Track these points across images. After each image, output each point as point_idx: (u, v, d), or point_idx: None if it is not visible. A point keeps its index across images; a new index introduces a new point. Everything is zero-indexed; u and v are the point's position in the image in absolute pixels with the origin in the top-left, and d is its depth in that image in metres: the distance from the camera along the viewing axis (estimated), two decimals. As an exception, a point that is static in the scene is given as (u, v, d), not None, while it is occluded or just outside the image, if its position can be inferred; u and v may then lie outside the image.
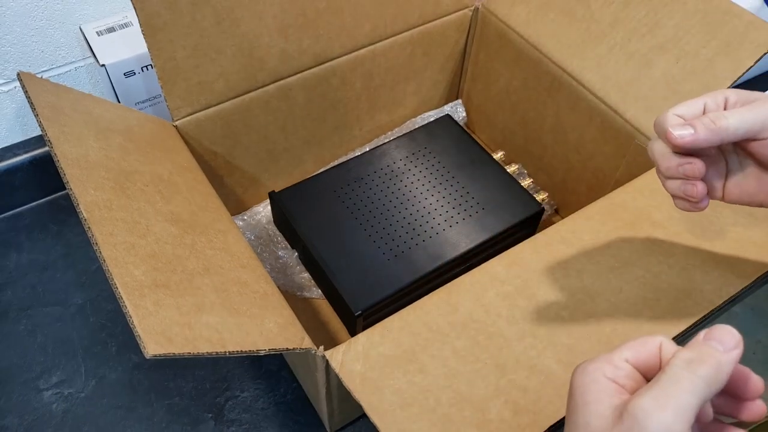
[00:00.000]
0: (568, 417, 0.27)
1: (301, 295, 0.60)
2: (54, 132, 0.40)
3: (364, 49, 0.62)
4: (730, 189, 0.36)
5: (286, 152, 0.65)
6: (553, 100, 0.61)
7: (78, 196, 0.37)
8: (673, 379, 0.25)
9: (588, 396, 0.26)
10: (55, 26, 0.62)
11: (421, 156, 0.63)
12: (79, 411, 0.54)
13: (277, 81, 0.58)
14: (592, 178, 0.61)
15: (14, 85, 0.64)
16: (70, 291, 0.62)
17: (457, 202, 0.60)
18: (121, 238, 0.37)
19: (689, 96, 0.50)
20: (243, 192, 0.65)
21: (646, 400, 0.24)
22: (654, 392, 0.24)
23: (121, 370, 0.57)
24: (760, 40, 0.48)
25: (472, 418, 0.36)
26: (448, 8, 0.65)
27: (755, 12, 0.63)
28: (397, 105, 0.71)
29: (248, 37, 0.53)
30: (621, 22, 0.55)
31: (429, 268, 0.55)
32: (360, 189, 0.60)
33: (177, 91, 0.52)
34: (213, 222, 0.45)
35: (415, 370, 0.38)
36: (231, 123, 0.57)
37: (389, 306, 0.54)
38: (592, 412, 0.26)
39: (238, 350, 0.35)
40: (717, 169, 0.36)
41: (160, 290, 0.35)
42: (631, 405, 0.24)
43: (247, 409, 0.54)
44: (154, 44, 0.48)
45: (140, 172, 0.44)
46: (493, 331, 0.40)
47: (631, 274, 0.43)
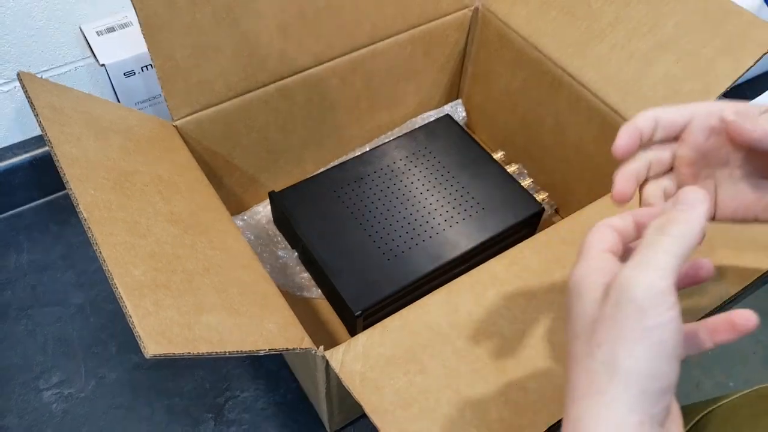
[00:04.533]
0: (568, 320, 0.28)
1: (301, 295, 0.60)
2: (54, 132, 0.40)
3: (364, 49, 0.62)
4: (724, 205, 0.35)
5: (286, 152, 0.65)
6: (553, 100, 0.61)
7: (78, 196, 0.37)
8: (648, 244, 0.25)
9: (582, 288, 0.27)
10: (55, 26, 0.62)
11: (421, 156, 0.63)
12: (79, 411, 0.54)
13: (277, 81, 0.58)
14: (592, 178, 0.61)
15: (14, 85, 0.64)
16: (70, 291, 0.62)
17: (457, 202, 0.60)
18: (121, 238, 0.37)
19: (689, 96, 0.50)
20: (243, 192, 0.65)
21: (627, 270, 0.25)
22: (633, 261, 0.25)
23: (121, 370, 0.57)
24: (760, 40, 0.48)
25: (472, 418, 0.36)
26: (448, 8, 0.65)
27: (755, 12, 0.63)
28: (397, 105, 0.71)
29: (248, 37, 0.53)
30: (621, 21, 0.55)
31: (429, 268, 0.55)
32: (360, 189, 0.60)
33: (177, 91, 0.52)
34: (213, 222, 0.45)
35: (415, 370, 0.38)
36: (231, 123, 0.57)
37: (389, 306, 0.54)
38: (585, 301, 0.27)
39: (238, 350, 0.35)
40: (704, 188, 0.34)
41: (160, 290, 0.35)
42: (616, 279, 0.25)
43: (247, 409, 0.54)
44: (153, 44, 0.48)
45: (140, 172, 0.44)
46: (493, 331, 0.40)
47: (631, 274, 0.43)
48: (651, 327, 0.24)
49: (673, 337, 0.24)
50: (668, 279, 0.24)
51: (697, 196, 0.26)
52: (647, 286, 0.24)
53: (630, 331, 0.24)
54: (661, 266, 0.24)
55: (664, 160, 0.34)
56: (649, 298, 0.24)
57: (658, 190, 0.34)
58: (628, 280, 0.24)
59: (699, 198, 0.26)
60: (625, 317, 0.24)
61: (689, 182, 0.35)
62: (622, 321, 0.24)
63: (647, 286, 0.24)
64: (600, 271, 0.27)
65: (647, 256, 0.25)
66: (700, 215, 0.26)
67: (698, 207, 0.26)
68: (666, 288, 0.24)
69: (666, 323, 0.24)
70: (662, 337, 0.24)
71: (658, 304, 0.24)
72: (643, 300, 0.24)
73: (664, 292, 0.24)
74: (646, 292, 0.24)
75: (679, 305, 0.24)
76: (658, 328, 0.24)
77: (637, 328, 0.24)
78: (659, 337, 0.24)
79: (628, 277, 0.24)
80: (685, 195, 0.27)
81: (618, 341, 0.24)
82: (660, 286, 0.24)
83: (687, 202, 0.26)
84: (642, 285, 0.24)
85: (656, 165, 0.34)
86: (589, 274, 0.27)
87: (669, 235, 0.25)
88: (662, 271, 0.24)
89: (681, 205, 0.26)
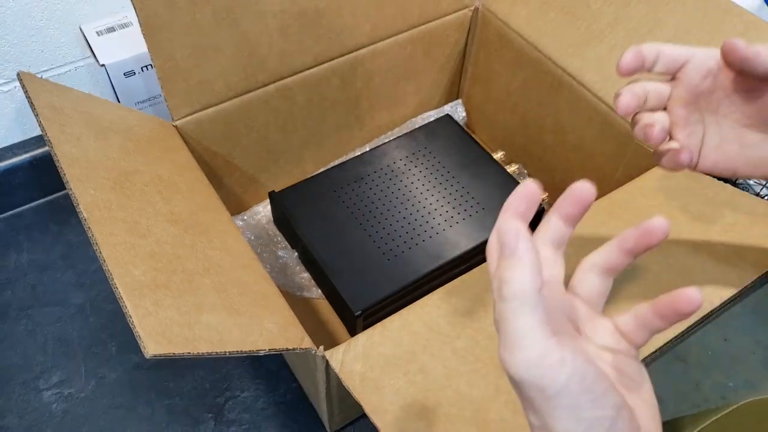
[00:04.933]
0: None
1: (301, 295, 0.60)
2: (54, 132, 0.40)
3: (364, 49, 0.62)
4: (707, 154, 0.35)
5: (286, 152, 0.65)
6: (553, 100, 0.61)
7: (78, 196, 0.37)
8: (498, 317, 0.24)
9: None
10: (55, 26, 0.62)
11: (421, 156, 0.63)
12: (79, 411, 0.54)
13: (277, 81, 0.58)
14: (592, 178, 0.60)
15: (14, 85, 0.64)
16: (70, 291, 0.62)
17: (457, 202, 0.60)
18: (121, 238, 0.37)
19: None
20: (243, 192, 0.65)
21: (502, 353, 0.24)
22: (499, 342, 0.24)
23: (121, 370, 0.57)
24: (760, 40, 0.48)
25: (472, 418, 0.36)
26: (448, 8, 0.65)
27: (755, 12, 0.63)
28: (397, 105, 0.71)
29: (248, 37, 0.53)
30: (621, 21, 0.55)
31: (429, 268, 0.55)
32: (360, 189, 0.60)
33: (177, 91, 0.52)
34: (213, 222, 0.45)
35: (415, 370, 0.38)
36: (231, 123, 0.57)
37: (389, 306, 0.54)
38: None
39: (238, 350, 0.35)
40: (692, 132, 0.35)
41: (160, 290, 0.35)
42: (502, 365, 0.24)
43: (247, 409, 0.54)
44: (153, 44, 0.48)
45: (140, 172, 0.44)
46: (493, 331, 0.40)
47: (631, 274, 0.43)
48: (555, 395, 0.23)
49: (582, 386, 0.23)
50: (537, 341, 0.23)
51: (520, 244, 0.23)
52: (523, 364, 0.23)
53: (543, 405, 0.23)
54: (520, 334, 0.23)
55: (661, 95, 0.35)
56: (533, 374, 0.23)
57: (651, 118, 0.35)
58: (507, 366, 0.23)
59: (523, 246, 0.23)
60: (531, 396, 0.23)
61: (680, 124, 0.35)
62: (532, 400, 0.23)
63: (524, 365, 0.23)
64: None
65: (504, 332, 0.23)
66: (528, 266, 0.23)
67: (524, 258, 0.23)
68: (540, 352, 0.22)
69: (565, 383, 0.23)
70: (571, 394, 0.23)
71: (545, 373, 0.23)
72: (531, 379, 0.23)
73: (541, 356, 0.23)
74: (527, 370, 0.23)
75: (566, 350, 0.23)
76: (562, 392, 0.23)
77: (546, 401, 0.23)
78: (569, 396, 0.23)
79: (505, 362, 0.23)
80: (508, 239, 0.23)
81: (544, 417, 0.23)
82: (532, 357, 0.23)
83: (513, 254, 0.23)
84: (519, 365, 0.23)
85: (653, 97, 0.35)
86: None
87: (505, 301, 0.23)
88: (525, 340, 0.23)
89: (506, 260, 0.23)
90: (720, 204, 0.47)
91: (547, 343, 0.23)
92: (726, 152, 0.35)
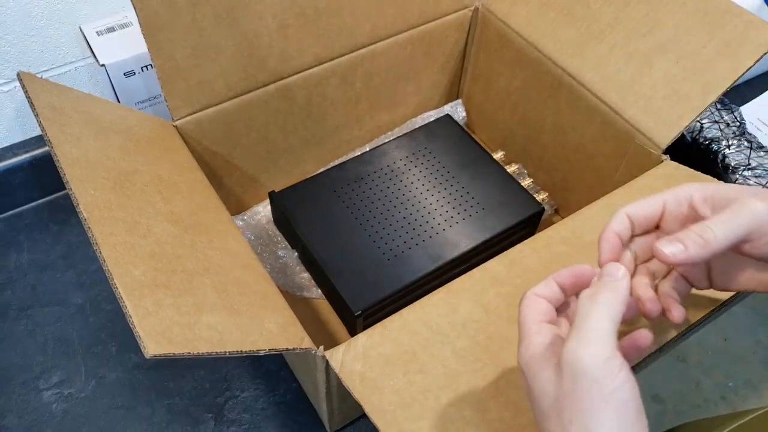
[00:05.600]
0: (530, 401, 0.30)
1: (301, 295, 0.60)
2: (54, 132, 0.40)
3: (364, 49, 0.62)
4: (717, 280, 0.36)
5: (286, 152, 0.65)
6: (553, 100, 0.61)
7: (78, 196, 0.37)
8: (584, 315, 0.27)
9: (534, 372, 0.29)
10: (55, 26, 0.62)
11: (421, 156, 0.63)
12: (79, 411, 0.54)
13: (277, 81, 0.58)
14: (592, 178, 0.61)
15: (14, 85, 0.64)
16: (70, 291, 0.62)
17: (457, 202, 0.60)
18: (121, 238, 0.37)
19: (689, 96, 0.50)
20: (243, 192, 0.65)
21: (571, 343, 0.27)
22: (574, 333, 0.27)
23: (121, 370, 0.57)
24: (760, 40, 0.48)
25: (472, 418, 0.36)
26: (448, 8, 0.65)
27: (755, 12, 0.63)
28: (397, 105, 0.71)
29: (248, 37, 0.53)
30: (621, 21, 0.55)
31: (429, 268, 0.55)
32: (360, 189, 0.60)
33: (177, 91, 0.52)
34: (213, 222, 0.45)
35: (415, 370, 0.38)
36: (231, 123, 0.57)
37: (389, 306, 0.54)
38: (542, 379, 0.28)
39: (238, 350, 0.35)
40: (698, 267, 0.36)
41: (160, 290, 0.35)
42: (562, 354, 0.27)
43: (247, 409, 0.54)
44: (153, 44, 0.48)
45: (140, 172, 0.44)
46: (492, 331, 0.40)
47: (631, 274, 0.43)
48: (609, 393, 0.25)
49: (632, 395, 0.26)
50: (609, 344, 0.26)
51: (619, 271, 0.29)
52: (593, 357, 0.26)
53: (592, 402, 0.25)
54: (600, 333, 0.26)
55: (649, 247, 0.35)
56: (599, 368, 0.26)
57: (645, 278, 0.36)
58: (575, 355, 0.26)
59: (621, 272, 0.29)
60: (584, 390, 0.26)
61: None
62: (583, 394, 0.26)
63: (593, 357, 0.26)
64: (543, 347, 0.29)
65: (585, 328, 0.27)
66: (625, 286, 0.28)
67: (622, 281, 0.29)
68: (610, 353, 0.26)
69: (621, 385, 0.25)
70: (623, 398, 0.25)
71: (608, 371, 0.26)
72: (594, 371, 0.26)
73: (610, 357, 0.26)
74: (594, 362, 0.26)
75: (626, 363, 0.26)
76: (616, 391, 0.25)
77: (598, 398, 0.25)
78: (620, 399, 0.25)
79: (573, 351, 0.26)
80: (608, 268, 0.29)
81: (586, 415, 0.25)
82: (604, 354, 0.26)
83: (611, 274, 0.29)
84: (589, 357, 0.26)
85: (642, 253, 0.35)
86: (535, 353, 0.29)
87: (599, 303, 0.27)
88: (603, 337, 0.26)
89: (606, 277, 0.29)
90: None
91: (615, 348, 0.26)
92: (735, 277, 0.35)
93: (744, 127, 0.62)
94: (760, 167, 0.58)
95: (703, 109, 0.49)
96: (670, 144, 0.51)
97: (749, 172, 0.58)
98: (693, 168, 0.50)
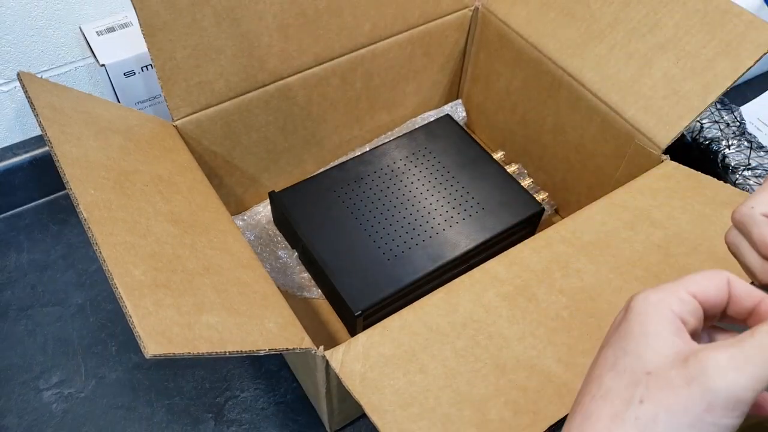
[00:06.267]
0: (615, 341, 0.26)
1: (301, 295, 0.60)
2: (54, 132, 0.40)
3: (364, 49, 0.62)
4: None
5: (286, 152, 0.65)
6: (553, 100, 0.61)
7: (78, 196, 0.37)
8: (760, 346, 0.23)
9: (649, 326, 0.25)
10: (55, 26, 0.62)
11: (421, 156, 0.63)
12: (79, 411, 0.54)
13: (277, 81, 0.58)
14: (592, 178, 0.61)
15: (14, 85, 0.64)
16: (70, 291, 0.62)
17: (457, 202, 0.60)
18: (121, 238, 0.37)
19: (689, 96, 0.50)
20: (243, 192, 0.65)
21: (723, 357, 0.23)
22: (734, 351, 0.23)
23: (121, 370, 0.57)
24: (760, 40, 0.48)
25: (472, 418, 0.36)
26: (448, 8, 0.65)
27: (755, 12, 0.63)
28: (397, 105, 0.71)
29: (248, 37, 0.53)
30: (621, 21, 0.55)
31: (429, 268, 0.55)
32: (360, 189, 0.60)
33: (177, 91, 0.52)
34: (213, 222, 0.45)
35: (415, 370, 0.38)
36: (231, 123, 0.57)
37: (389, 306, 0.54)
38: (651, 345, 0.24)
39: (238, 350, 0.35)
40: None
41: (160, 290, 0.35)
42: (705, 355, 0.23)
43: (247, 409, 0.54)
44: (154, 44, 0.48)
45: (140, 172, 0.44)
46: (493, 331, 0.40)
47: (631, 274, 0.43)
48: (709, 422, 0.22)
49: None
50: (757, 391, 0.22)
51: None
52: (733, 388, 0.22)
53: (686, 412, 0.23)
54: (758, 377, 0.22)
55: None
56: (727, 399, 0.22)
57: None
58: (718, 369, 0.22)
59: None
60: (689, 397, 0.23)
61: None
62: (685, 399, 0.23)
63: (733, 389, 0.22)
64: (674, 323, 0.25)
65: (752, 357, 0.22)
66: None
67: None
68: (748, 399, 0.22)
69: (724, 427, 0.23)
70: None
71: (731, 409, 0.22)
72: (720, 397, 0.22)
73: (744, 401, 0.22)
74: (728, 392, 0.22)
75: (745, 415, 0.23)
76: (715, 426, 0.22)
77: (694, 414, 0.22)
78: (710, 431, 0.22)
79: (719, 366, 0.23)
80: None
81: (667, 413, 0.23)
82: (745, 396, 0.22)
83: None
84: (729, 384, 0.22)
85: None
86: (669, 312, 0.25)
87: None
88: (756, 382, 0.22)
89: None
90: (720, 204, 0.47)
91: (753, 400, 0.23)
92: None
93: (744, 127, 0.62)
94: (760, 167, 0.58)
95: (703, 109, 0.49)
96: (670, 144, 0.51)
97: (749, 172, 0.58)
98: (693, 168, 0.50)
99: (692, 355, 0.23)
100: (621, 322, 0.26)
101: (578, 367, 0.38)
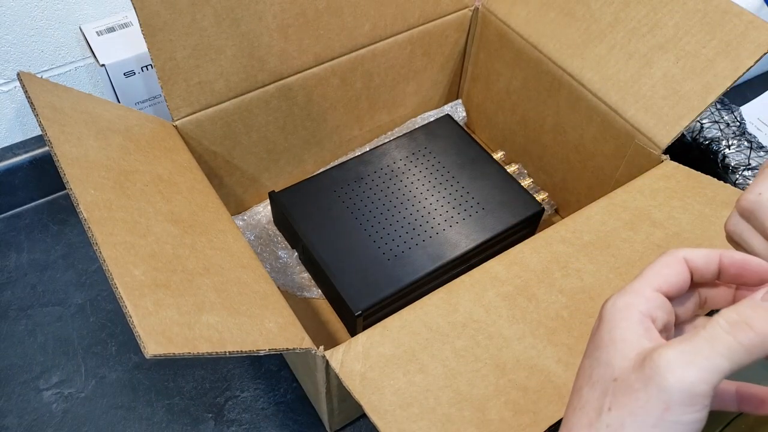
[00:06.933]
0: (591, 351, 0.26)
1: (301, 295, 0.60)
2: (54, 132, 0.40)
3: (364, 49, 0.62)
4: None
5: (286, 152, 0.65)
6: (553, 100, 0.61)
7: (78, 196, 0.37)
8: (709, 338, 0.22)
9: (616, 333, 0.25)
10: (55, 26, 0.62)
11: (421, 156, 0.63)
12: (79, 411, 0.54)
13: (277, 81, 0.58)
14: (592, 178, 0.61)
15: (14, 85, 0.64)
16: (70, 291, 0.62)
17: (457, 202, 0.60)
18: (121, 238, 0.37)
19: (689, 96, 0.50)
20: (243, 192, 0.65)
21: (672, 353, 0.22)
22: (684, 346, 0.22)
23: (121, 370, 0.57)
24: (760, 40, 0.48)
25: (472, 418, 0.36)
26: (448, 8, 0.65)
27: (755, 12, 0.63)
28: (397, 105, 0.71)
29: (248, 37, 0.53)
30: (621, 21, 0.55)
31: (429, 268, 0.55)
32: (360, 189, 0.60)
33: (177, 91, 0.52)
34: (213, 222, 0.45)
35: (415, 370, 0.38)
36: (231, 123, 0.57)
37: (389, 306, 0.54)
38: (619, 351, 0.24)
39: (238, 350, 0.35)
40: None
41: (160, 290, 0.35)
42: (657, 354, 0.23)
43: (247, 409, 0.54)
44: (154, 44, 0.48)
45: (140, 172, 0.44)
46: (493, 331, 0.40)
47: (631, 274, 0.43)
48: (670, 421, 0.22)
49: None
50: (711, 384, 0.22)
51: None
52: (685, 384, 0.22)
53: (647, 414, 0.22)
54: (709, 369, 0.22)
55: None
56: (681, 395, 0.22)
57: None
58: (668, 367, 0.22)
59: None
60: (648, 399, 0.22)
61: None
62: (644, 401, 0.23)
63: (685, 384, 0.22)
64: (642, 324, 0.24)
65: (701, 350, 0.22)
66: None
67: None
68: (704, 392, 0.22)
69: (687, 423, 0.22)
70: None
71: (688, 405, 0.22)
72: (674, 394, 0.22)
73: (701, 395, 0.22)
74: (681, 389, 0.22)
75: (708, 408, 0.22)
76: (678, 424, 0.22)
77: (655, 415, 0.22)
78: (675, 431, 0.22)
79: (669, 363, 0.22)
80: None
81: (631, 418, 0.23)
82: (699, 389, 0.22)
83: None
84: (680, 380, 0.22)
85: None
86: (636, 314, 0.25)
87: (738, 341, 0.22)
88: (708, 374, 0.22)
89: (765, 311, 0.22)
90: (720, 204, 0.47)
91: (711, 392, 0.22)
92: None
93: (744, 127, 0.62)
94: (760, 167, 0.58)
95: (703, 109, 0.49)
96: (670, 144, 0.51)
97: (749, 172, 0.58)
98: (693, 168, 0.50)
99: (648, 356, 0.23)
100: (595, 331, 0.26)
101: (578, 367, 0.38)
